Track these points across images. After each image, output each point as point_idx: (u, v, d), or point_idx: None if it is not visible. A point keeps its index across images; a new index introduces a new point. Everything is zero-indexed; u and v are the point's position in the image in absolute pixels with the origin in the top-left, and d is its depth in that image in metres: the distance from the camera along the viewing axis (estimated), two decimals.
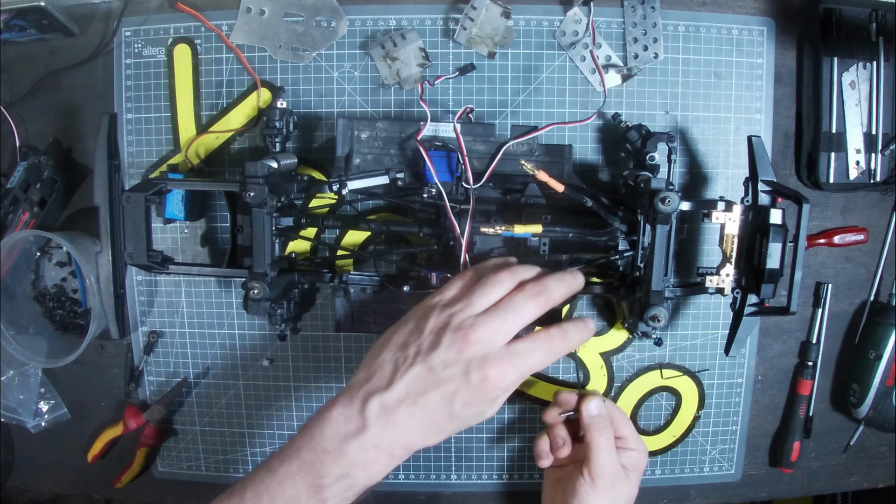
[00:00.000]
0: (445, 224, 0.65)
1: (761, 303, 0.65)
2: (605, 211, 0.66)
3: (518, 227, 0.63)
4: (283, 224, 0.69)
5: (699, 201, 0.67)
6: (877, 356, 0.77)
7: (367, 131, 0.70)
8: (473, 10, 0.72)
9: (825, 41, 0.73)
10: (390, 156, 0.70)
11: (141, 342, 0.80)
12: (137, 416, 0.79)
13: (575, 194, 0.64)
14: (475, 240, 0.67)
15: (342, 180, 0.67)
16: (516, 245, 0.68)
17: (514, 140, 0.69)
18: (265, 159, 0.64)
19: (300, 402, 0.80)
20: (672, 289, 0.67)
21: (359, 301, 0.71)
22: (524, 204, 0.68)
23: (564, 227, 0.66)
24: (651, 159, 0.67)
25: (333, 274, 0.70)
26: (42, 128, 0.79)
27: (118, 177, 0.67)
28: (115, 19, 0.76)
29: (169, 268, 0.70)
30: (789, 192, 0.64)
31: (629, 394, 0.80)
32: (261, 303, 0.64)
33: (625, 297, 0.69)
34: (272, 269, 0.65)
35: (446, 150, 0.68)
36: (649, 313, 0.61)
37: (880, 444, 0.84)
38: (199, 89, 0.76)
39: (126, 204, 0.66)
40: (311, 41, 0.75)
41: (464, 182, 0.67)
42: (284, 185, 0.67)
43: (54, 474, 0.86)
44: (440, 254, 0.68)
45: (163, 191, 0.69)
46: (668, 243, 0.63)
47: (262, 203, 0.63)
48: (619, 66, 0.74)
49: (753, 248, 0.64)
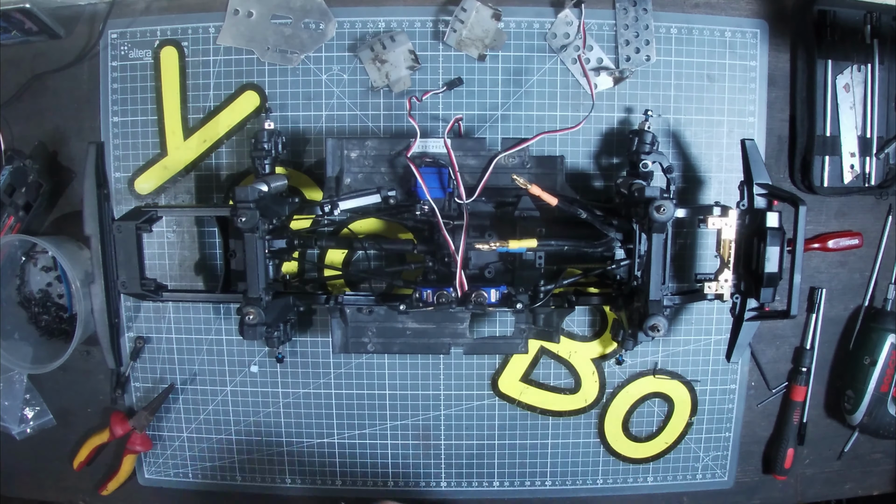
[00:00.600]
0: (440, 240, 0.64)
1: (761, 307, 0.64)
2: (599, 222, 0.65)
3: (513, 243, 0.62)
4: (277, 246, 0.68)
5: (695, 207, 0.66)
6: (871, 362, 0.76)
7: (356, 150, 0.69)
8: (463, 13, 0.71)
9: (819, 43, 0.72)
10: (381, 174, 0.69)
11: (127, 348, 0.79)
12: (124, 423, 0.78)
13: (569, 206, 0.64)
14: (470, 255, 0.66)
15: (333, 201, 0.67)
16: (512, 259, 0.67)
17: (504, 153, 0.68)
18: (255, 183, 0.63)
19: (288, 408, 0.79)
20: (670, 297, 0.66)
21: (355, 321, 0.70)
22: (518, 217, 0.67)
23: (559, 240, 0.65)
24: (644, 166, 0.66)
25: (328, 295, 0.69)
26: (27, 131, 0.78)
27: (108, 206, 0.66)
28: (100, 21, 0.75)
29: (163, 295, 0.69)
30: (785, 194, 0.63)
31: (621, 400, 0.79)
32: (257, 328, 0.63)
33: (623, 308, 0.68)
34: (267, 293, 0.64)
35: (437, 166, 0.67)
36: (648, 323, 0.60)
37: (875, 451, 0.84)
38: (186, 92, 0.76)
39: (117, 233, 0.65)
40: (300, 43, 0.74)
41: (456, 197, 0.66)
42: (275, 208, 0.66)
43: (40, 481, 0.85)
44: (435, 271, 0.67)
45: (153, 218, 0.68)
46: (664, 251, 0.62)
47: (253, 228, 0.61)
48: (610, 69, 0.74)
49: (751, 252, 0.63)
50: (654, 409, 0.79)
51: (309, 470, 0.81)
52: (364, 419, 0.79)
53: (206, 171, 0.76)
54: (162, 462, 0.82)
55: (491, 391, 0.79)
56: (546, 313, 0.69)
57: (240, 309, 0.63)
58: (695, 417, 0.79)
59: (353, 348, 0.71)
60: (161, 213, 0.69)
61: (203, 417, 0.80)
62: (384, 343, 0.70)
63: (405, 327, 0.70)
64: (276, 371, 0.79)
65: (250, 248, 0.63)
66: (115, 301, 0.66)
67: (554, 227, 0.67)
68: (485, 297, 0.62)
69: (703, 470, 0.81)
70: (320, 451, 0.80)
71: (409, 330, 0.70)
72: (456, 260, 0.63)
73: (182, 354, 0.79)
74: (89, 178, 0.64)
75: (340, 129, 0.75)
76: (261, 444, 0.80)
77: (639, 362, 0.78)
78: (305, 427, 0.80)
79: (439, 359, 0.78)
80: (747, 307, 0.64)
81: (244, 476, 0.81)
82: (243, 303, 0.63)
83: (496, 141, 0.70)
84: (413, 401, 0.79)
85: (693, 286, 0.71)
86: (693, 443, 0.80)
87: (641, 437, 0.80)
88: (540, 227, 0.67)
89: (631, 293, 0.66)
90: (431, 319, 0.70)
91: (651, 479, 0.81)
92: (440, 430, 0.79)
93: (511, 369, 0.78)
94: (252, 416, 0.80)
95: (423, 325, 0.70)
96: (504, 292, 0.64)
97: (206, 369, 0.79)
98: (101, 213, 0.64)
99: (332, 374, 0.79)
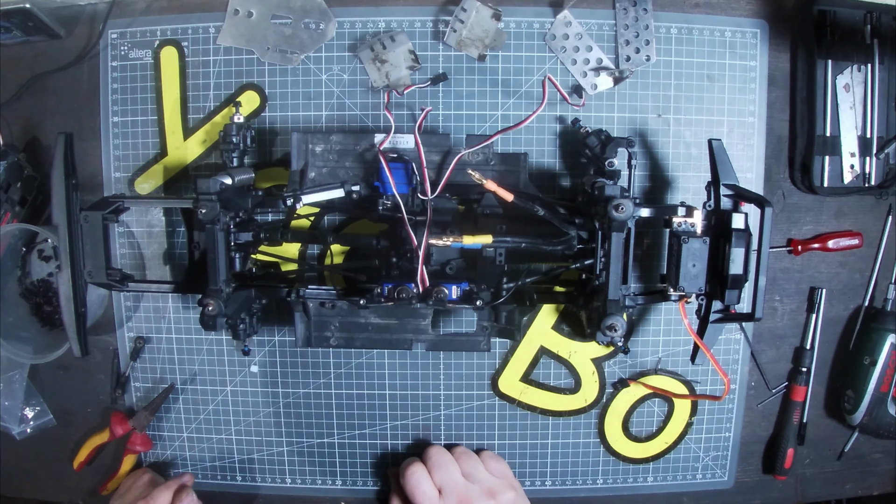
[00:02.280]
0: (403, 236, 0.64)
1: (726, 309, 0.64)
2: (558, 219, 0.65)
3: (467, 238, 0.62)
4: (243, 239, 0.68)
5: (660, 207, 0.66)
6: (871, 362, 0.76)
7: (321, 144, 0.69)
8: (463, 13, 0.71)
9: (819, 43, 0.72)
10: (346, 168, 0.69)
11: (127, 348, 0.79)
12: (124, 423, 0.78)
13: (525, 203, 0.64)
14: (432, 251, 0.66)
15: (296, 194, 0.67)
16: (473, 256, 0.67)
17: (468, 150, 0.68)
18: (219, 175, 0.63)
19: (288, 408, 0.79)
20: (633, 297, 0.66)
21: (318, 315, 0.70)
22: (480, 214, 0.67)
23: (516, 237, 0.65)
24: (610, 165, 0.66)
25: (290, 289, 0.69)
26: (27, 131, 0.78)
27: (76, 195, 0.67)
28: (100, 21, 0.75)
29: (129, 285, 0.70)
30: (752, 195, 0.63)
31: (621, 400, 0.79)
32: (217, 319, 0.63)
33: (584, 307, 0.68)
34: (228, 285, 0.65)
35: (402, 162, 0.67)
36: (606, 322, 0.60)
37: (875, 451, 0.83)
38: (186, 92, 0.76)
39: (84, 223, 0.66)
40: (300, 43, 0.74)
41: (419, 193, 0.66)
42: (238, 201, 0.66)
43: (40, 481, 0.85)
44: (398, 266, 0.67)
45: (120, 209, 0.69)
46: (625, 251, 0.62)
47: (214, 220, 0.62)
48: (610, 69, 0.74)
49: (717, 253, 0.63)
50: (654, 410, 0.79)
51: (309, 470, 0.81)
52: (364, 419, 0.79)
53: (206, 171, 0.76)
54: (162, 462, 0.82)
55: (491, 391, 0.79)
56: (508, 311, 0.69)
57: (200, 300, 0.63)
58: (695, 417, 0.79)
59: (316, 342, 0.71)
60: (128, 204, 0.70)
61: (203, 417, 0.80)
62: (347, 338, 0.70)
63: (367, 322, 0.70)
64: (276, 371, 0.79)
65: (210, 240, 0.63)
66: (81, 290, 0.67)
67: (517, 225, 0.67)
68: (445, 294, 0.62)
69: (703, 470, 0.81)
70: (320, 451, 0.80)
71: (372, 325, 0.70)
72: (418, 255, 0.63)
73: (182, 354, 0.79)
74: (58, 168, 0.65)
75: (340, 130, 0.75)
76: (261, 444, 0.81)
77: (639, 362, 0.78)
78: (305, 427, 0.80)
79: (439, 359, 0.78)
80: (713, 309, 0.64)
81: (244, 476, 0.81)
82: (204, 294, 0.63)
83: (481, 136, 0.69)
84: (413, 401, 0.79)
85: (657, 286, 0.71)
86: (693, 443, 0.80)
87: (641, 437, 0.80)
88: (500, 224, 0.67)
89: (592, 292, 0.65)
90: (394, 315, 0.70)
91: (651, 479, 0.81)
92: (440, 430, 0.79)
93: (511, 369, 0.78)
94: (252, 416, 0.80)
95: (386, 320, 0.70)
96: (465, 289, 0.64)
97: (206, 369, 0.79)
98: (70, 202, 0.65)
99: (332, 374, 0.79)
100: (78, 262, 0.67)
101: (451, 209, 0.68)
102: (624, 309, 0.62)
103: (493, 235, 0.63)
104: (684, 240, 0.61)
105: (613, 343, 0.62)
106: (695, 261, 0.62)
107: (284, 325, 0.78)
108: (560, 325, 0.77)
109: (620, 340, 0.61)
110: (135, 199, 0.71)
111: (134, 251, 0.78)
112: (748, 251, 0.60)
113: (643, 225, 0.71)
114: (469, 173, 0.63)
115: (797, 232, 0.78)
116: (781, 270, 0.79)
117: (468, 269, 0.68)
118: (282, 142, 0.75)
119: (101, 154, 0.77)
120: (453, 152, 0.68)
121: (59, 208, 0.65)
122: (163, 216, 0.78)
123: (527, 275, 0.68)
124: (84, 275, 0.67)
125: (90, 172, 0.77)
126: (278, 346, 0.78)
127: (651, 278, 0.76)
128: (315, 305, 0.70)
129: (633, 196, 0.63)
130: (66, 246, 0.65)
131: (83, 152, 0.76)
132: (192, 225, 0.70)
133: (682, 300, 0.64)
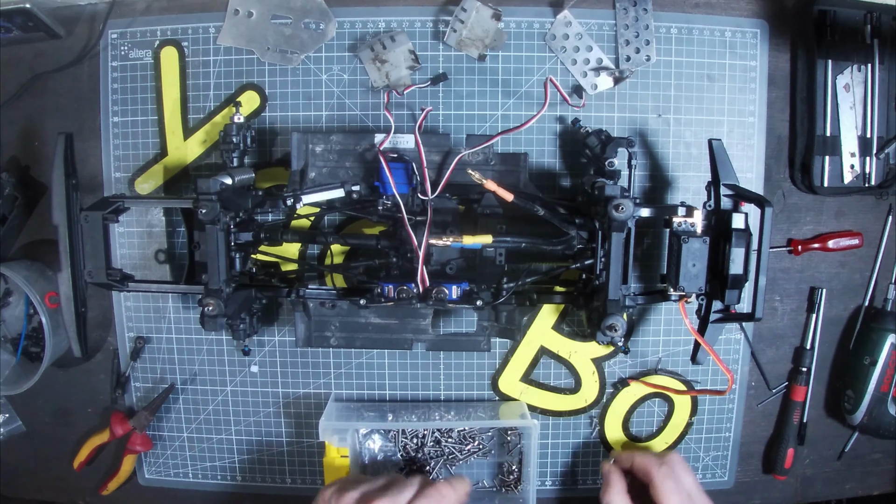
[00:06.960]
0: (403, 236, 0.64)
1: (726, 309, 0.64)
2: (558, 219, 0.65)
3: (467, 238, 0.62)
4: (243, 239, 0.68)
5: (660, 207, 0.66)
6: (871, 362, 0.76)
7: (321, 144, 0.69)
8: (463, 13, 0.71)
9: (819, 43, 0.72)
10: (346, 168, 0.69)
11: (127, 348, 0.79)
12: (124, 423, 0.78)
13: (525, 203, 0.64)
14: (432, 251, 0.66)
15: (296, 194, 0.67)
16: (473, 256, 0.67)
17: (468, 150, 0.68)
18: (220, 175, 0.63)
19: (288, 408, 0.79)
20: (633, 296, 0.66)
21: (318, 315, 0.70)
22: (480, 214, 0.67)
23: (516, 237, 0.65)
24: (610, 165, 0.66)
25: (291, 288, 0.69)
26: (27, 131, 0.78)
27: (76, 195, 0.67)
28: (101, 21, 0.75)
29: (129, 285, 0.70)
30: (752, 195, 0.63)
31: (621, 400, 0.79)
32: (217, 319, 0.64)
33: (584, 307, 0.68)
34: (228, 285, 0.65)
35: (403, 162, 0.67)
36: (605, 322, 0.60)
37: (875, 451, 0.84)
38: (186, 92, 0.76)
39: (84, 223, 0.66)
40: (300, 43, 0.74)
41: (420, 193, 0.66)
42: (238, 201, 0.66)
43: (39, 481, 0.85)
44: (398, 266, 0.67)
45: (120, 209, 0.69)
46: (625, 251, 0.62)
47: (214, 219, 0.62)
48: (610, 69, 0.74)
49: (717, 253, 0.63)
50: (655, 410, 0.79)
51: (309, 470, 0.81)
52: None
53: (206, 171, 0.76)
54: (162, 462, 0.82)
55: (491, 391, 0.79)
56: (508, 311, 0.69)
57: (200, 300, 0.63)
58: (695, 417, 0.79)
59: (316, 342, 0.71)
60: (129, 204, 0.70)
61: (203, 417, 0.80)
62: (347, 338, 0.70)
63: (368, 322, 0.70)
64: (276, 371, 0.79)
65: (211, 240, 0.63)
66: (82, 290, 0.67)
67: (517, 225, 0.67)
68: (445, 294, 0.62)
69: (704, 470, 0.81)
70: (320, 451, 0.80)
71: (372, 325, 0.70)
72: (418, 255, 0.63)
73: (182, 354, 0.79)
74: (58, 168, 0.65)
75: (340, 130, 0.75)
76: (261, 444, 0.80)
77: (639, 362, 0.78)
78: (305, 427, 0.80)
79: (439, 359, 0.78)
80: (713, 309, 0.64)
81: (244, 476, 0.81)
82: (203, 294, 0.64)
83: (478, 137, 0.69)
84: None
85: (657, 286, 0.71)
86: (693, 443, 0.80)
87: (642, 437, 0.80)
88: (500, 224, 0.67)
89: (592, 293, 0.65)
90: (394, 315, 0.70)
91: None
92: None
93: (511, 369, 0.78)
94: (252, 416, 0.80)
95: (386, 320, 0.70)
96: (465, 289, 0.64)
97: (206, 369, 0.79)
98: (70, 202, 0.66)
99: (332, 374, 0.79)
100: (78, 263, 0.66)
101: (452, 209, 0.68)
102: (624, 309, 0.62)
103: (493, 235, 0.63)
104: (684, 240, 0.62)
105: (613, 343, 0.62)
106: (695, 261, 0.62)
107: (284, 325, 0.78)
108: (560, 325, 0.77)
109: (620, 340, 0.61)
110: (135, 199, 0.71)
111: (134, 251, 0.78)
112: (748, 251, 0.60)
113: (643, 225, 0.71)
114: (469, 173, 0.63)
115: (797, 232, 0.78)
116: (781, 270, 0.79)
117: (468, 269, 0.68)
118: (282, 142, 0.75)
119: (101, 154, 0.77)
120: (453, 152, 0.68)
121: (59, 208, 0.65)
122: (163, 216, 0.78)
123: (527, 275, 0.68)
124: (84, 275, 0.67)
125: (90, 172, 0.77)
126: (278, 346, 0.78)
127: (651, 278, 0.76)
128: (315, 305, 0.70)
129: (633, 196, 0.63)
130: (66, 246, 0.65)
131: (83, 152, 0.76)
132: (192, 225, 0.70)
133: (682, 300, 0.64)
